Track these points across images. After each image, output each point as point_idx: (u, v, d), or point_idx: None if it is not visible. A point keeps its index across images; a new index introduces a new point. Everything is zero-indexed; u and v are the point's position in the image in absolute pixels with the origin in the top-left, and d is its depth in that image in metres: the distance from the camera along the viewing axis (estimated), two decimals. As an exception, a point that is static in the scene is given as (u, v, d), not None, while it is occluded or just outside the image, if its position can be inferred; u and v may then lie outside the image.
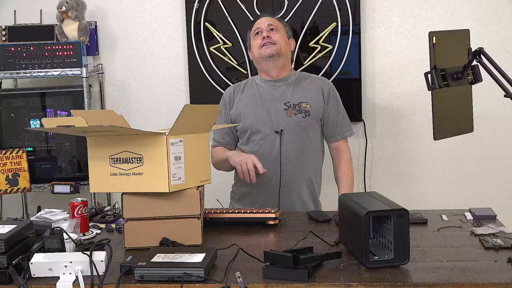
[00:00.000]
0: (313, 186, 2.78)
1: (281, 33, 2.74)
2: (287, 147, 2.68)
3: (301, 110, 2.70)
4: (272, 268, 1.73)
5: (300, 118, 2.69)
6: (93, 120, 2.05)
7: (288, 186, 2.69)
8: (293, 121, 2.69)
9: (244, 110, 2.75)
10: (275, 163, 2.67)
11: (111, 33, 3.47)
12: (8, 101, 3.32)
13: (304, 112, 2.70)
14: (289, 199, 2.69)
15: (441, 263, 1.81)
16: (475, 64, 1.99)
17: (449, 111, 2.06)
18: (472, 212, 2.32)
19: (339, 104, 2.81)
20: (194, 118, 2.02)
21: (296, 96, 2.73)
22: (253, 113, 2.73)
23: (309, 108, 2.70)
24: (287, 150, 2.68)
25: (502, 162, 3.38)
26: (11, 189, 2.64)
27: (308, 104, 2.71)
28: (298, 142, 2.70)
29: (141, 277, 1.71)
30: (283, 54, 2.72)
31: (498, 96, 2.02)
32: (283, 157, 2.67)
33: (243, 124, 2.74)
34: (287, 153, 2.68)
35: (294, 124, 2.69)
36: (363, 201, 1.88)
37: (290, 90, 2.75)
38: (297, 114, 2.69)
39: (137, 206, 2.01)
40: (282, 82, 2.76)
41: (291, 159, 2.69)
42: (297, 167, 2.70)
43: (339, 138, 2.81)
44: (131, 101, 3.51)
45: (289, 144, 2.68)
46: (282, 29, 2.76)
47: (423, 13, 3.31)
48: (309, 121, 2.71)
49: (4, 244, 1.72)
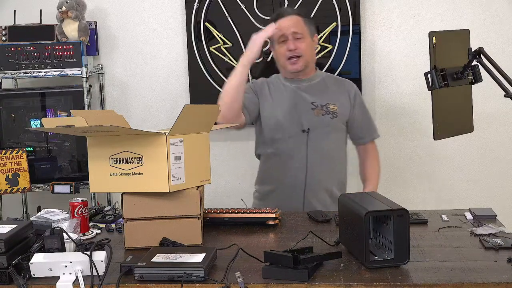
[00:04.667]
0: (339, 185, 2.75)
1: (306, 40, 2.67)
2: (314, 146, 2.66)
3: (329, 111, 2.68)
4: (272, 268, 1.73)
5: (327, 118, 2.67)
6: (93, 120, 2.05)
7: (314, 185, 2.67)
8: (321, 120, 2.67)
9: (270, 106, 2.72)
10: (301, 161, 2.65)
11: (111, 33, 3.47)
12: (8, 101, 3.32)
13: (332, 113, 2.68)
14: (315, 198, 2.67)
15: (441, 263, 1.81)
16: (475, 64, 1.99)
17: (449, 111, 2.06)
18: (472, 212, 2.32)
19: (365, 107, 2.81)
20: (194, 118, 2.02)
21: (323, 97, 2.70)
22: (280, 110, 2.69)
23: (336, 109, 2.69)
24: (314, 149, 2.66)
25: (502, 162, 3.38)
26: (11, 189, 2.63)
27: (336, 106, 2.69)
28: (325, 141, 2.67)
29: (141, 277, 1.71)
30: (309, 64, 2.71)
31: (498, 96, 2.02)
32: (309, 156, 2.65)
33: (269, 122, 2.71)
34: (314, 152, 2.66)
35: (322, 124, 2.66)
36: (363, 201, 1.88)
37: (316, 90, 2.72)
38: (325, 114, 2.67)
39: (137, 206, 2.00)
40: (307, 82, 2.73)
41: (318, 158, 2.66)
42: (323, 166, 2.68)
43: (367, 140, 2.82)
44: (131, 101, 3.51)
45: (316, 143, 2.66)
46: (307, 34, 2.68)
47: (423, 13, 3.31)
48: (336, 122, 2.69)
49: (4, 244, 1.72)
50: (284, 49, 2.66)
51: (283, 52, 2.67)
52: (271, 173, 2.75)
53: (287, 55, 2.66)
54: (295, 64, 2.66)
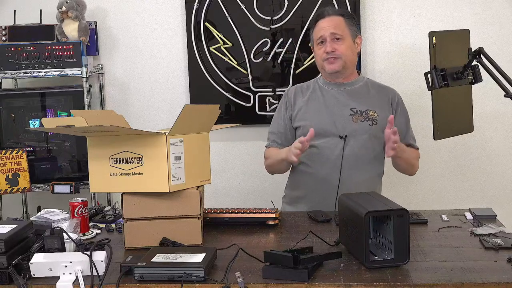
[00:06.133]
0: None
1: (346, 42, 2.59)
2: (349, 153, 2.56)
3: (368, 117, 2.59)
4: (272, 268, 1.73)
5: (366, 125, 2.58)
6: (93, 120, 2.05)
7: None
8: (359, 127, 2.58)
9: (307, 113, 2.64)
10: (335, 168, 2.56)
11: (111, 33, 3.47)
12: (8, 101, 3.31)
13: (372, 120, 2.59)
14: None
15: (441, 263, 1.81)
16: (475, 64, 1.99)
17: (449, 111, 2.06)
18: (472, 212, 2.32)
19: (407, 116, 2.70)
20: (194, 118, 2.02)
21: (363, 103, 2.62)
22: (317, 116, 2.61)
23: (377, 116, 2.60)
24: (349, 156, 2.56)
25: (502, 162, 3.38)
26: (11, 189, 2.63)
27: (376, 113, 2.60)
28: (362, 149, 2.58)
29: (141, 277, 1.71)
30: (348, 66, 2.62)
31: (498, 96, 2.02)
32: (344, 163, 2.55)
33: (304, 126, 2.61)
34: (349, 159, 2.56)
35: (360, 131, 2.58)
36: (363, 201, 1.88)
37: (356, 96, 2.64)
38: (364, 121, 2.58)
39: (137, 206, 2.01)
40: (348, 87, 2.65)
41: (353, 165, 2.57)
42: (358, 173, 2.58)
43: None
44: (131, 101, 3.51)
45: (352, 150, 2.57)
46: (347, 35, 2.60)
47: (423, 13, 3.31)
48: (375, 129, 2.58)
49: (4, 244, 1.72)
50: (322, 51, 2.59)
51: (320, 54, 2.60)
52: (303, 178, 2.66)
53: (324, 57, 2.59)
54: (333, 64, 2.58)
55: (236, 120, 3.19)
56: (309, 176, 2.64)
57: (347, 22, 2.62)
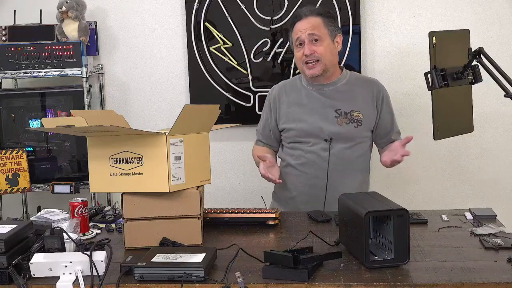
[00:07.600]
0: None
1: (325, 42, 2.54)
2: (335, 156, 2.57)
3: (353, 119, 2.57)
4: (272, 268, 1.73)
5: (351, 128, 2.57)
6: (93, 120, 2.05)
7: (334, 196, 2.51)
8: (344, 130, 2.57)
9: (292, 116, 2.63)
10: (322, 170, 2.57)
11: (111, 33, 3.47)
12: (8, 101, 3.32)
13: (356, 122, 2.58)
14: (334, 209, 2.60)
15: (441, 263, 1.81)
16: (475, 64, 1.99)
17: (449, 111, 2.06)
18: (472, 212, 2.32)
19: (391, 109, 2.69)
20: (194, 118, 2.02)
21: (347, 104, 2.59)
22: (302, 119, 2.61)
23: (361, 117, 2.58)
24: (336, 158, 2.57)
25: (502, 162, 3.38)
26: (11, 189, 2.63)
27: (360, 113, 2.58)
28: (347, 151, 2.59)
29: (141, 277, 1.71)
30: (328, 67, 2.58)
31: (498, 96, 2.02)
32: (330, 165, 2.56)
33: (290, 129, 2.63)
34: (336, 161, 2.57)
35: (345, 134, 2.57)
36: (363, 201, 1.88)
37: (340, 96, 2.61)
38: (349, 123, 2.57)
39: (137, 206, 2.01)
40: (331, 87, 2.62)
41: (339, 168, 2.58)
42: (345, 176, 2.59)
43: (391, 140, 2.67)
44: (131, 101, 3.51)
45: (338, 153, 2.57)
46: (326, 35, 2.55)
47: (423, 13, 3.31)
48: (361, 130, 2.59)
49: (4, 244, 1.72)
50: (301, 53, 2.56)
51: (299, 57, 2.57)
52: (291, 180, 2.67)
53: (303, 60, 2.56)
54: (312, 69, 2.55)
55: (236, 120, 3.19)
56: (297, 178, 2.65)
57: (325, 22, 2.57)
